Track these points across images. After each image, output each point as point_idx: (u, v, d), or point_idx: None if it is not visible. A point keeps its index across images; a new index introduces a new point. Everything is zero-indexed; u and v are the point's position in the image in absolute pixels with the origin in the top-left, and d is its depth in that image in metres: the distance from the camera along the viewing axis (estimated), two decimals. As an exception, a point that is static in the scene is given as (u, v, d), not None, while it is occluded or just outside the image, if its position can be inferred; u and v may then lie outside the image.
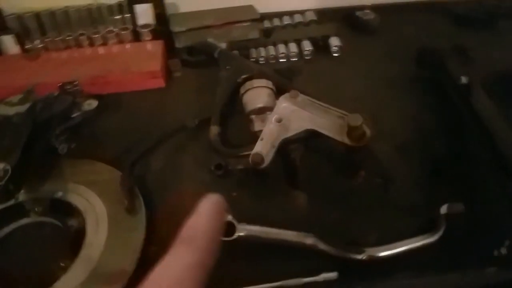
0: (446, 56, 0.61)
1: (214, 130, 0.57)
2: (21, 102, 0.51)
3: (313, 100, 0.54)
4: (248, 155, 0.51)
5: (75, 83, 0.64)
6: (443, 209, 0.45)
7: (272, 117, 0.53)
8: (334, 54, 0.76)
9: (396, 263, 0.43)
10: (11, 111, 0.50)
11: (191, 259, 0.18)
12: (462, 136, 0.57)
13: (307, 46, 0.75)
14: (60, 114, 0.53)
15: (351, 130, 0.47)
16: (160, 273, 0.18)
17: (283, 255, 0.45)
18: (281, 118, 0.53)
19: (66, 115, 0.54)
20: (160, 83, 0.68)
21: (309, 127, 0.51)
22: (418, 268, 0.44)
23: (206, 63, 0.72)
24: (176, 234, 0.27)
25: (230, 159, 0.54)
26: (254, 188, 0.52)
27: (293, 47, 0.75)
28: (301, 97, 0.54)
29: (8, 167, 0.45)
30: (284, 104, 0.54)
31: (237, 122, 0.60)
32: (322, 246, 0.44)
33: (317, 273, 0.43)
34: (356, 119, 0.46)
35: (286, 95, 0.55)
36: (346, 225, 0.48)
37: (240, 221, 0.45)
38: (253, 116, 0.58)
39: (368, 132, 0.48)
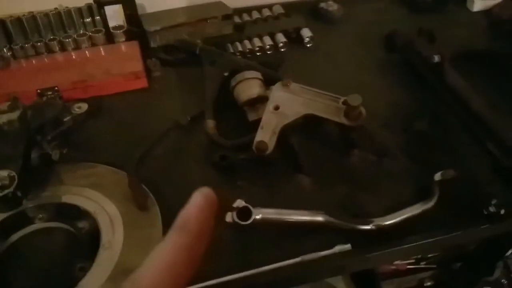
0: (414, 39, 0.66)
1: (211, 123, 0.58)
2: (10, 109, 0.49)
3: (305, 86, 0.57)
4: (250, 144, 0.54)
5: (55, 88, 0.62)
6: (437, 176, 0.50)
7: (269, 106, 0.55)
8: (307, 45, 0.79)
9: (401, 229, 0.48)
10: (1, 119, 0.48)
11: (183, 244, 0.19)
12: (439, 109, 0.63)
13: (281, 38, 0.78)
14: (52, 119, 0.52)
15: (349, 110, 0.51)
16: (154, 256, 0.20)
17: (298, 233, 0.48)
18: (278, 105, 0.55)
19: (58, 120, 0.52)
20: (143, 83, 0.68)
21: (306, 112, 0.54)
22: (421, 231, 0.48)
23: (185, 61, 0.73)
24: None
25: (231, 150, 0.55)
26: (259, 175, 0.55)
27: (267, 40, 0.77)
28: (293, 85, 0.57)
29: (14, 173, 0.44)
30: (279, 92, 0.56)
31: (229, 114, 0.62)
32: (332, 221, 0.48)
33: (332, 246, 0.46)
34: (356, 99, 0.50)
35: (279, 83, 0.58)
36: (351, 200, 0.51)
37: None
38: (246, 107, 0.60)
39: (364, 111, 0.52)
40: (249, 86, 0.60)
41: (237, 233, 0.48)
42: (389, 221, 0.48)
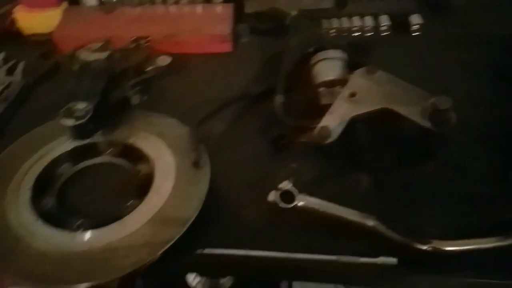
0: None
1: (279, 99, 0.56)
2: (100, 50, 0.53)
3: (393, 77, 0.52)
4: (314, 128, 0.51)
5: (147, 39, 0.66)
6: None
7: (345, 91, 0.51)
8: (413, 33, 0.71)
9: (461, 259, 0.41)
10: (90, 57, 0.53)
11: None
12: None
13: (384, 21, 0.71)
14: (135, 66, 0.55)
15: (436, 113, 0.45)
16: None
17: (339, 232, 0.45)
18: (355, 93, 0.51)
19: (141, 68, 0.55)
20: (227, 47, 0.68)
21: (385, 106, 0.49)
22: (484, 269, 0.41)
23: (274, 31, 0.71)
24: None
25: (293, 130, 0.53)
26: (313, 162, 0.52)
27: (369, 21, 0.71)
28: (380, 73, 0.52)
29: (90, 107, 0.48)
30: (359, 79, 0.52)
31: (302, 93, 0.59)
32: (383, 230, 0.43)
33: (375, 255, 0.42)
34: (445, 102, 0.44)
35: (363, 69, 0.53)
36: (411, 213, 0.46)
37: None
38: (322, 89, 0.56)
39: (453, 117, 0.45)
40: (330, 66, 0.56)
41: (277, 213, 0.47)
42: (450, 247, 0.42)
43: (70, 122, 0.47)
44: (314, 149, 0.52)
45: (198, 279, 0.59)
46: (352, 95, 0.51)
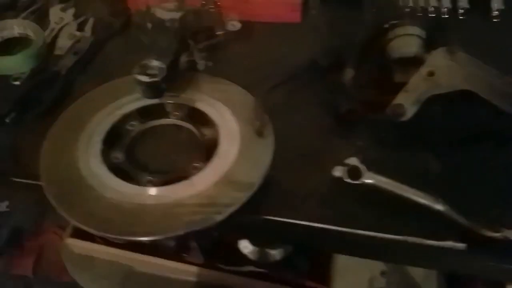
0: None
1: (349, 73, 0.55)
2: (176, 8, 0.53)
3: (474, 59, 0.49)
4: (384, 104, 0.49)
5: (217, 3, 0.65)
6: None
7: (423, 69, 0.49)
8: (493, 19, 0.66)
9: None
10: (165, 16, 0.53)
11: None
12: None
13: (463, 3, 0.67)
14: (207, 29, 0.55)
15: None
16: None
17: (404, 211, 0.43)
18: (434, 71, 0.48)
19: (212, 31, 0.55)
20: (296, 17, 0.66)
21: (465, 87, 0.47)
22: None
23: (345, 3, 0.68)
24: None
25: (361, 105, 0.51)
26: (380, 140, 0.50)
27: (446, 2, 0.67)
28: (460, 54, 0.49)
29: (164, 66, 0.48)
30: (439, 58, 0.49)
31: (373, 68, 0.57)
32: (453, 214, 0.42)
33: (442, 239, 0.41)
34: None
35: (443, 49, 0.50)
36: (481, 200, 0.44)
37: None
38: (396, 66, 0.54)
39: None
40: (408, 42, 0.53)
41: (340, 188, 0.46)
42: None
43: (144, 78, 0.47)
44: (383, 126, 0.50)
45: (250, 247, 0.59)
46: (431, 74, 0.48)
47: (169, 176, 0.46)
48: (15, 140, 0.51)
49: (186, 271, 0.56)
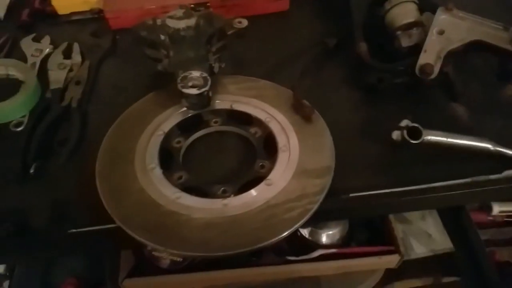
0: None
1: (363, 46, 0.58)
2: (186, 16, 0.51)
3: (466, 13, 0.55)
4: (407, 68, 0.53)
5: (207, 4, 0.64)
6: None
7: (433, 29, 0.54)
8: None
9: None
10: (179, 24, 0.50)
11: None
12: None
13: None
14: (219, 30, 0.53)
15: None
16: None
17: (461, 157, 0.48)
18: (443, 30, 0.53)
19: (223, 32, 0.54)
20: (284, 5, 0.67)
21: (473, 38, 0.52)
22: None
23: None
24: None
25: (385, 73, 0.55)
26: (410, 101, 0.55)
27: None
28: (456, 10, 0.55)
29: (206, 74, 0.46)
30: (443, 16, 0.54)
31: (374, 39, 0.60)
32: (500, 149, 0.48)
33: (500, 171, 0.47)
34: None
35: (442, 8, 0.55)
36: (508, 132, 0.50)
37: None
38: (399, 32, 0.58)
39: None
40: (405, 10, 0.57)
41: (399, 152, 0.49)
42: None
43: (193, 91, 0.45)
44: (408, 88, 0.55)
45: (308, 232, 0.60)
46: (441, 32, 0.54)
47: (242, 181, 0.45)
48: (51, 190, 0.45)
49: (263, 273, 0.55)
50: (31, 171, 0.46)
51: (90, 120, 0.53)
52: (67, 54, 0.58)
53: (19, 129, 0.51)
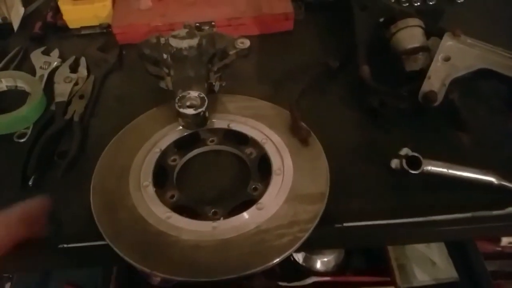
0: None
1: (366, 69, 0.57)
2: (189, 36, 0.52)
3: (475, 40, 0.54)
4: (410, 93, 0.52)
5: (211, 23, 0.64)
6: None
7: (438, 55, 0.53)
8: (458, 1, 0.74)
9: None
10: (181, 44, 0.51)
11: None
12: None
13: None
14: (221, 50, 0.54)
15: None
16: None
17: (462, 189, 0.47)
18: (449, 56, 0.52)
19: (225, 52, 0.54)
20: (289, 25, 0.68)
21: (481, 66, 0.51)
22: None
23: (327, 5, 0.71)
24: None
25: (388, 97, 0.54)
26: (413, 126, 0.54)
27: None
28: (464, 36, 0.54)
29: (203, 95, 0.47)
30: (449, 42, 0.53)
31: (377, 62, 0.60)
32: (504, 182, 0.46)
33: (503, 207, 0.45)
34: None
35: (449, 33, 0.54)
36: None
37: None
38: (404, 56, 0.57)
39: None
40: (411, 34, 0.57)
41: (398, 179, 0.48)
42: None
43: (190, 111, 0.45)
44: (412, 113, 0.54)
45: (303, 257, 0.59)
46: (447, 59, 0.53)
47: (234, 203, 0.45)
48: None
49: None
50: (30, 182, 0.47)
51: (91, 134, 0.53)
52: (74, 68, 0.60)
53: (22, 140, 0.52)
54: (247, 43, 0.56)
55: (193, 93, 0.47)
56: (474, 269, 0.71)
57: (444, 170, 0.47)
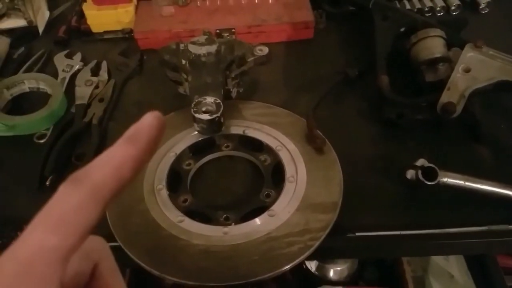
0: None
1: (385, 79, 0.57)
2: (208, 42, 0.52)
3: (497, 51, 0.53)
4: (428, 105, 0.52)
5: (232, 30, 0.65)
6: None
7: (458, 67, 0.52)
8: (482, 11, 0.72)
9: None
10: (200, 50, 0.52)
11: (130, 154, 0.20)
12: None
13: (454, 0, 0.72)
14: (239, 57, 0.54)
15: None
16: (103, 157, 0.20)
17: (478, 202, 0.46)
18: (470, 68, 0.51)
19: (243, 59, 0.54)
20: (310, 34, 0.68)
21: (502, 78, 0.50)
22: None
23: (349, 15, 0.71)
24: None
25: (406, 108, 0.54)
26: (430, 138, 0.53)
27: (439, 1, 0.72)
28: (486, 48, 0.53)
29: (219, 100, 0.47)
30: (470, 54, 0.52)
31: (397, 72, 0.59)
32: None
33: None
34: None
35: (470, 44, 0.53)
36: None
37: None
38: (424, 67, 0.57)
39: None
40: (432, 44, 0.56)
41: (413, 192, 0.47)
42: None
43: (205, 116, 0.46)
44: (430, 125, 0.53)
45: (316, 266, 0.59)
46: (467, 70, 0.52)
47: (246, 209, 0.45)
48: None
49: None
50: (47, 183, 0.48)
51: (110, 137, 0.54)
52: (95, 72, 0.61)
53: (42, 141, 0.53)
54: (265, 50, 0.57)
55: (209, 99, 0.47)
56: (494, 284, 0.69)
57: (461, 182, 0.45)
